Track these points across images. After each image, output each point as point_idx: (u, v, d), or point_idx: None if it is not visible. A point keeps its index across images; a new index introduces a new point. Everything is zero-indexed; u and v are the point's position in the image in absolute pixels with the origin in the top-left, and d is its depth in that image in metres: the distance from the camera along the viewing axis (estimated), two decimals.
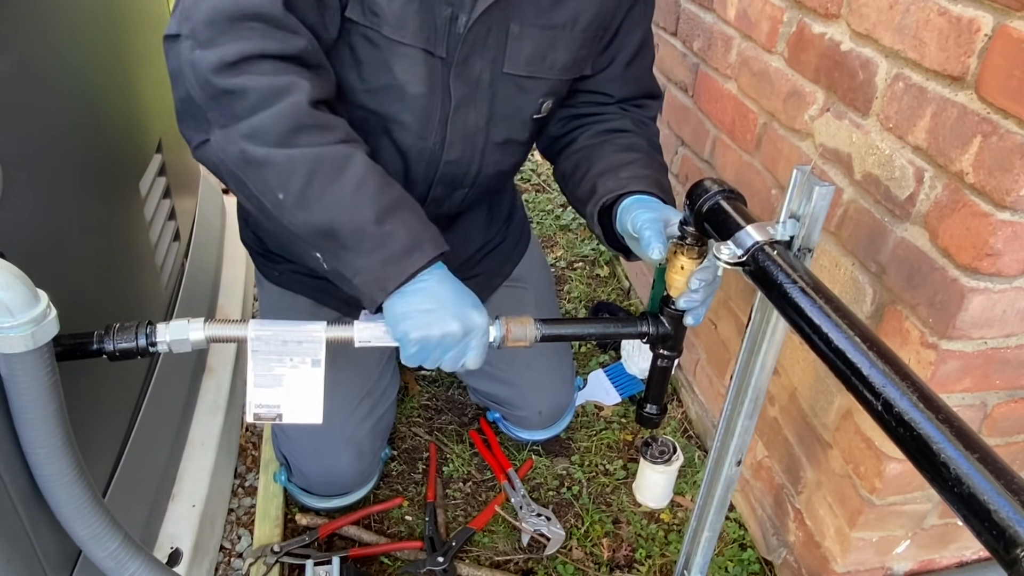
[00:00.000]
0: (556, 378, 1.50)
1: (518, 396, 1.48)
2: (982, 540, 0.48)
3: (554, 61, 1.10)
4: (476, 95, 1.10)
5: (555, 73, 1.12)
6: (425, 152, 1.14)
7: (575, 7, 1.07)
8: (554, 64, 1.11)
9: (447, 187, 1.21)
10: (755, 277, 0.77)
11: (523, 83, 1.11)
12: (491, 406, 1.57)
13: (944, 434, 0.52)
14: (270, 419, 0.90)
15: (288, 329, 0.88)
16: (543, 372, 1.48)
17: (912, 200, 0.94)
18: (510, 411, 1.53)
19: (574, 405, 1.63)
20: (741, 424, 0.97)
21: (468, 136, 1.14)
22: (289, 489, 1.43)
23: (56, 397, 0.71)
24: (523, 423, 1.53)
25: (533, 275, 1.55)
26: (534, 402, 1.48)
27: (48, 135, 0.93)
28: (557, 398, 1.51)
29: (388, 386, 1.42)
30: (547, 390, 1.49)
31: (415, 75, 1.05)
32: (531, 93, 1.13)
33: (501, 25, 1.03)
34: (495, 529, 1.43)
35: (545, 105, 1.18)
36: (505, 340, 0.93)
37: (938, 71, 0.88)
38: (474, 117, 1.12)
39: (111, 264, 1.10)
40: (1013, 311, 0.90)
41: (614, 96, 1.22)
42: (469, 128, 1.13)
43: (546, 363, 1.48)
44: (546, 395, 1.49)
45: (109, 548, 0.77)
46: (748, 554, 1.41)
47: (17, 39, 0.87)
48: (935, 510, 1.14)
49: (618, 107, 1.25)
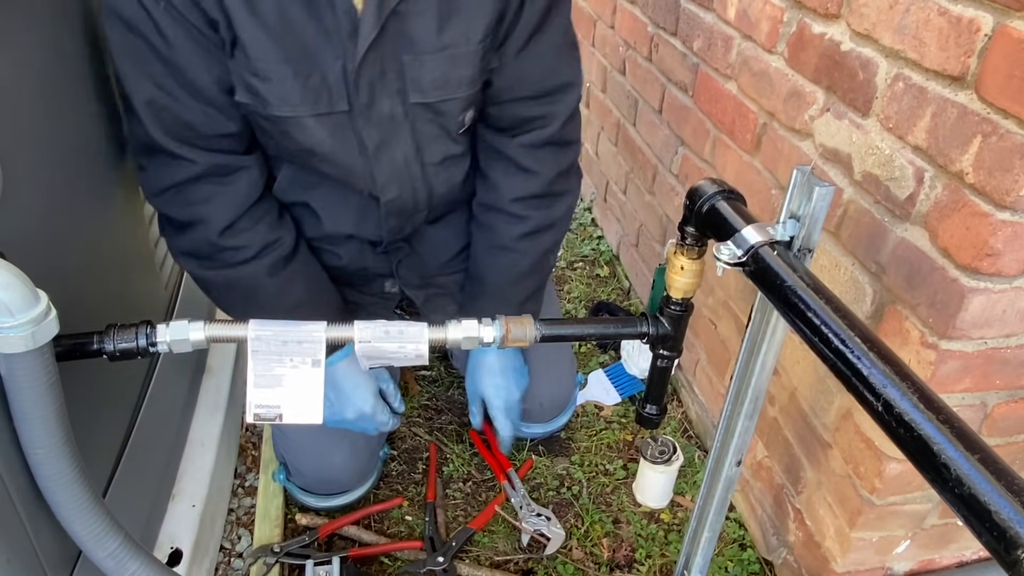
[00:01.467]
0: (557, 369, 1.50)
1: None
2: (983, 541, 0.48)
3: (460, 79, 1.05)
4: (395, 131, 1.08)
5: (465, 89, 1.07)
6: (364, 195, 1.17)
7: (465, 20, 1.01)
8: (461, 82, 1.06)
9: (400, 217, 1.21)
10: (755, 277, 0.77)
11: (437, 107, 1.08)
12: None
13: (944, 435, 0.52)
14: (270, 419, 0.90)
15: (288, 329, 0.87)
16: (544, 363, 1.48)
17: (912, 200, 0.94)
18: None
19: (575, 401, 1.63)
20: (741, 424, 0.98)
21: (399, 172, 1.13)
22: (288, 488, 1.43)
23: (56, 397, 0.71)
24: (526, 416, 1.52)
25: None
26: (535, 393, 1.47)
27: (48, 135, 0.93)
28: (558, 389, 1.51)
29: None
30: (548, 380, 1.49)
31: (318, 138, 1.05)
32: (448, 114, 1.10)
33: (394, 59, 1.00)
34: (495, 529, 1.43)
35: (468, 116, 1.14)
36: (505, 340, 0.93)
37: (938, 71, 0.88)
38: (401, 152, 1.11)
39: (111, 264, 1.10)
40: (1013, 311, 0.90)
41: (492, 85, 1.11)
42: (398, 164, 1.12)
43: (547, 354, 1.48)
44: (547, 385, 1.49)
45: (109, 548, 0.77)
46: (748, 554, 1.41)
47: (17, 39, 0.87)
48: (935, 510, 1.14)
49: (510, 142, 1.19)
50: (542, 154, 1.20)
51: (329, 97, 1.00)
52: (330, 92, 1.00)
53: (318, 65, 0.97)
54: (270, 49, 0.95)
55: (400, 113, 1.06)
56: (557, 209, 1.27)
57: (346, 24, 0.95)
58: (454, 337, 0.92)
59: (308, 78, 0.98)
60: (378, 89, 1.02)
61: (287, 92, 0.98)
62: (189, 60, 0.95)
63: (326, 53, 0.97)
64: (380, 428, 1.28)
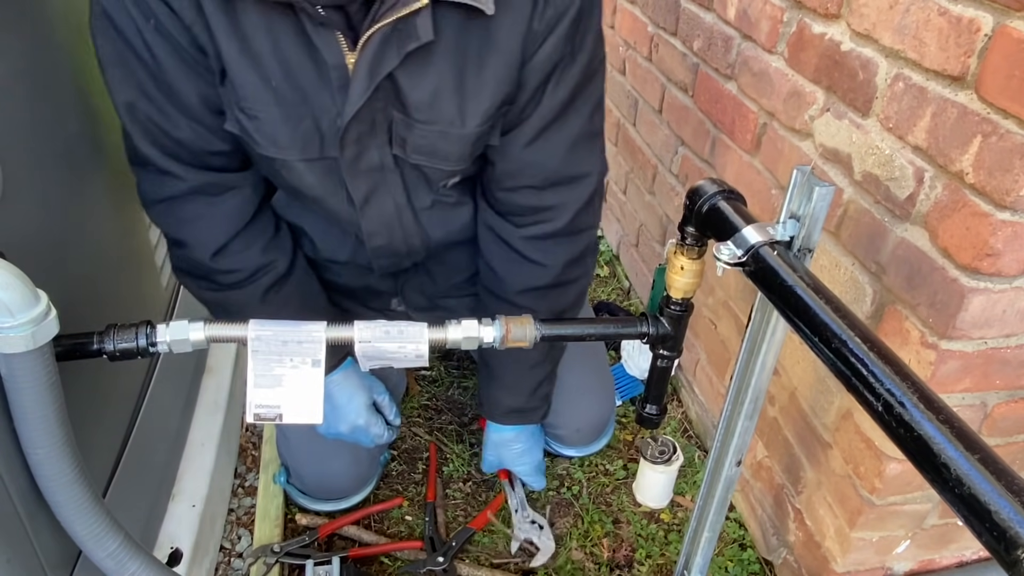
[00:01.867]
0: (592, 395, 1.46)
1: (554, 415, 1.42)
2: (983, 541, 0.48)
3: (448, 154, 0.98)
4: (385, 179, 1.02)
5: (451, 165, 1.00)
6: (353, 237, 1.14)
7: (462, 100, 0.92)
8: (448, 157, 0.98)
9: (391, 258, 1.16)
10: (755, 277, 0.77)
11: (421, 168, 1.01)
12: None
13: (945, 435, 0.52)
14: (270, 419, 0.90)
15: (288, 329, 0.87)
16: (579, 390, 1.43)
17: (912, 200, 0.94)
18: (548, 429, 1.49)
19: (612, 423, 1.59)
20: (741, 424, 0.97)
21: (390, 220, 1.07)
22: (288, 491, 1.43)
23: (56, 397, 0.71)
24: (562, 440, 1.50)
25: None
26: (571, 420, 1.45)
27: (48, 135, 0.93)
28: (595, 415, 1.47)
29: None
30: (584, 408, 1.45)
31: (305, 182, 1.01)
32: (432, 176, 1.04)
33: (383, 116, 0.94)
34: (495, 529, 1.43)
35: (452, 182, 1.07)
36: (505, 340, 0.93)
37: (938, 71, 0.88)
38: (390, 201, 1.05)
39: (111, 264, 1.10)
40: (1013, 311, 0.90)
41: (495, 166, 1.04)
42: (388, 213, 1.06)
43: (581, 380, 1.43)
44: (583, 413, 1.45)
45: (109, 548, 0.77)
46: (748, 554, 1.41)
47: (17, 40, 0.87)
48: (935, 510, 1.14)
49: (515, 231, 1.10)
50: (550, 246, 1.10)
51: (320, 143, 0.95)
52: (322, 139, 0.95)
53: (311, 111, 0.92)
54: (260, 90, 0.89)
55: (391, 163, 1.00)
56: (568, 296, 1.18)
57: (336, 79, 0.89)
58: (454, 337, 0.92)
59: (300, 123, 0.93)
60: (366, 143, 0.96)
61: (276, 134, 0.93)
62: (178, 79, 0.90)
63: (322, 99, 0.91)
64: (375, 441, 1.26)
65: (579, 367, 1.43)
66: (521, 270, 1.13)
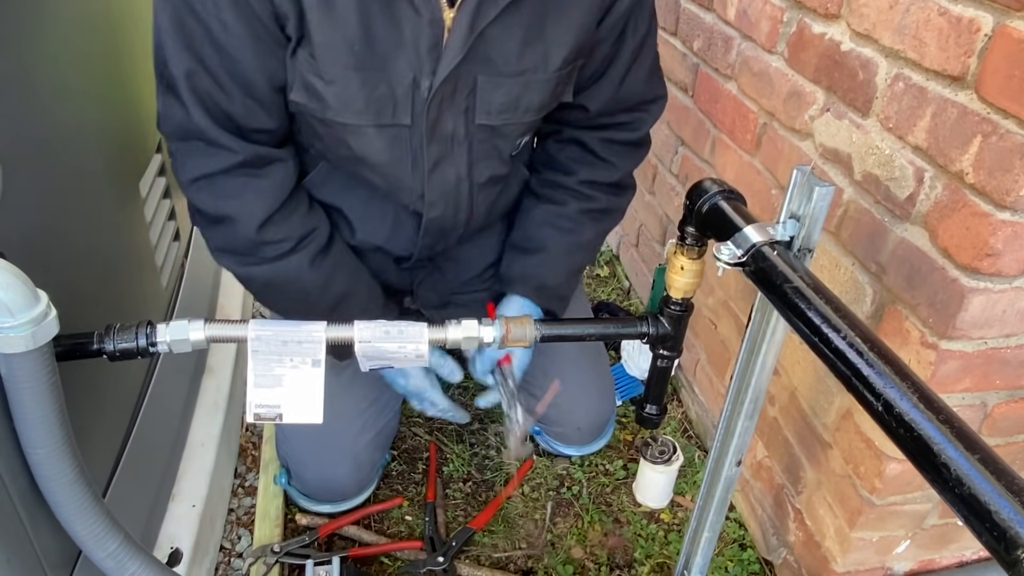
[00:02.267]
0: (593, 392, 1.46)
1: (555, 412, 1.43)
2: (983, 541, 0.48)
3: (529, 105, 1.05)
4: (452, 150, 1.06)
5: (531, 116, 1.07)
6: (407, 209, 1.15)
7: (545, 47, 1.00)
8: (529, 107, 1.05)
9: (435, 236, 1.20)
10: (755, 277, 0.77)
11: (498, 130, 1.07)
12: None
13: (945, 435, 0.52)
14: (270, 419, 0.90)
15: (288, 329, 0.87)
16: (579, 387, 1.43)
17: (912, 200, 0.94)
18: (548, 427, 1.49)
19: (613, 421, 1.59)
20: (741, 424, 0.97)
21: (449, 191, 1.11)
22: (289, 492, 1.43)
23: (56, 397, 0.71)
24: (564, 438, 1.50)
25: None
26: (572, 418, 1.45)
27: (48, 135, 0.93)
28: (595, 413, 1.47)
29: (392, 398, 1.40)
30: (584, 405, 1.45)
31: (373, 148, 1.03)
32: (507, 136, 1.10)
33: (468, 79, 0.98)
34: (495, 529, 1.43)
35: (523, 142, 1.15)
36: (504, 340, 0.93)
37: (938, 71, 0.88)
38: (453, 172, 1.09)
39: (111, 264, 1.10)
40: (1013, 311, 0.90)
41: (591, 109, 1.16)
42: (449, 183, 1.10)
43: (581, 378, 1.43)
44: (583, 410, 1.45)
45: (109, 548, 0.77)
46: (748, 554, 1.41)
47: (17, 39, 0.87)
48: (935, 510, 1.14)
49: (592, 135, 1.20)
50: (622, 151, 1.22)
51: (394, 109, 0.98)
52: (395, 104, 0.97)
53: (388, 76, 0.94)
54: (341, 53, 0.91)
55: (462, 133, 1.04)
56: (624, 199, 1.29)
57: (428, 38, 0.92)
58: (454, 337, 0.92)
59: (376, 87, 0.95)
60: (445, 108, 1.00)
61: (351, 98, 0.95)
62: (243, 51, 0.91)
63: (399, 64, 0.94)
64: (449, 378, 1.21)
65: (579, 366, 1.43)
66: (591, 166, 1.22)
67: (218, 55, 0.91)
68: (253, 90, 0.95)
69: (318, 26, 0.89)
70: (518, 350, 1.23)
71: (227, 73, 0.93)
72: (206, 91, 0.94)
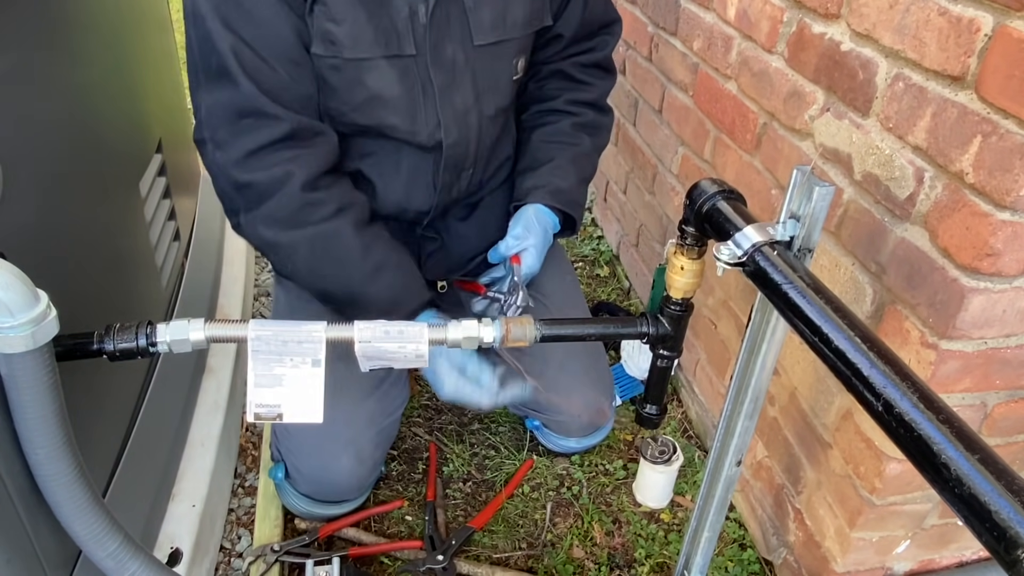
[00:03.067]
0: (591, 380, 1.47)
1: (556, 398, 1.44)
2: (983, 541, 0.48)
3: (515, 19, 1.20)
4: (456, 77, 1.18)
5: (519, 30, 1.22)
6: (425, 143, 1.22)
7: None
8: (515, 22, 1.20)
9: (452, 171, 1.28)
10: (755, 277, 0.77)
11: (494, 50, 1.20)
12: (530, 414, 1.54)
13: (945, 435, 0.52)
14: (271, 419, 0.90)
15: (288, 329, 0.88)
16: (577, 375, 1.45)
17: (912, 200, 0.94)
18: (549, 417, 1.49)
19: (615, 411, 1.59)
20: (741, 424, 0.97)
21: (460, 117, 1.21)
22: (281, 491, 1.38)
23: (56, 397, 0.71)
24: (563, 428, 1.50)
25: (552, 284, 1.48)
26: (572, 406, 1.45)
27: (48, 135, 0.93)
28: (594, 400, 1.47)
29: (396, 397, 1.39)
30: (583, 392, 1.46)
31: (387, 81, 1.13)
32: (504, 57, 1.23)
33: (456, 4, 1.12)
34: (495, 529, 1.43)
35: (520, 63, 1.27)
36: (504, 340, 0.93)
37: (938, 71, 0.88)
38: (461, 98, 1.20)
39: (111, 264, 1.10)
40: (1013, 311, 0.90)
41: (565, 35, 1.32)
42: (459, 109, 1.20)
43: (580, 365, 1.45)
44: (582, 397, 1.46)
45: (109, 548, 0.77)
46: (748, 554, 1.41)
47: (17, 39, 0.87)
48: (935, 510, 1.14)
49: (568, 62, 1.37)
50: (594, 72, 1.40)
51: (398, 40, 1.10)
52: (399, 35, 1.09)
53: (387, 9, 1.07)
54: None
55: (462, 59, 1.16)
56: (606, 118, 1.44)
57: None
58: (454, 337, 0.92)
59: (380, 20, 1.07)
60: (443, 33, 1.13)
61: (360, 32, 1.07)
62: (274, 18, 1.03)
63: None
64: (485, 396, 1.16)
65: (579, 355, 1.45)
66: (572, 87, 1.39)
67: (254, 27, 1.03)
68: (292, 55, 1.06)
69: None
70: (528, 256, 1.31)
71: (265, 44, 1.04)
72: (252, 65, 1.04)
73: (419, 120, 1.18)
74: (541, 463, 1.57)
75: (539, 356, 1.39)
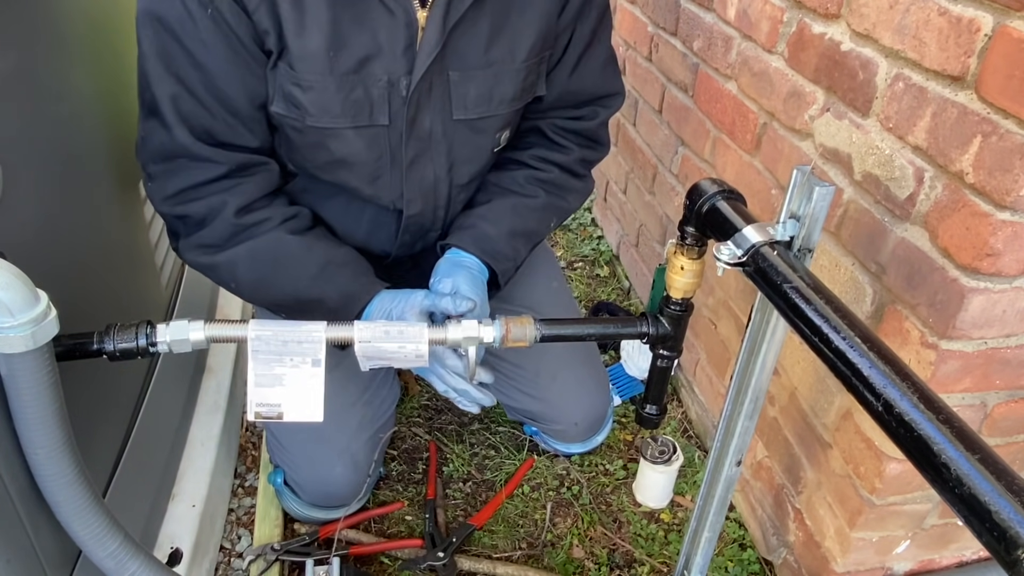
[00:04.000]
0: (587, 387, 1.46)
1: (551, 409, 1.44)
2: (983, 541, 0.48)
3: (503, 96, 1.10)
4: (431, 149, 1.10)
5: (506, 107, 1.11)
6: (385, 209, 1.17)
7: (511, 39, 1.06)
8: (503, 99, 1.10)
9: (415, 233, 1.23)
10: (755, 277, 0.77)
11: (476, 124, 1.11)
12: (527, 421, 1.54)
13: (945, 435, 0.52)
14: (271, 418, 0.90)
15: (288, 329, 0.88)
16: (572, 383, 1.44)
17: (912, 200, 0.94)
18: (547, 425, 1.49)
19: (612, 415, 1.59)
20: (741, 424, 0.98)
21: (427, 190, 1.15)
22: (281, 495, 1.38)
23: (56, 397, 0.71)
24: (561, 436, 1.50)
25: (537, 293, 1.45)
26: (568, 414, 1.45)
27: (48, 135, 0.93)
28: (591, 407, 1.47)
29: (386, 397, 1.39)
30: (579, 400, 1.45)
31: (353, 148, 1.07)
32: (486, 131, 1.14)
33: (441, 76, 1.04)
34: (495, 529, 1.43)
35: (503, 136, 1.19)
36: (504, 340, 0.93)
37: (938, 71, 0.88)
38: (431, 170, 1.13)
39: (111, 264, 1.10)
40: (1013, 311, 0.90)
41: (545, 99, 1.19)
42: (427, 182, 1.14)
43: (574, 373, 1.44)
44: (579, 405, 1.45)
45: (109, 548, 0.77)
46: (748, 554, 1.41)
47: (17, 39, 0.87)
48: (935, 510, 1.14)
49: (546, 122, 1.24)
50: (574, 139, 1.26)
51: (370, 111, 1.02)
52: (372, 106, 1.02)
53: (363, 79, 0.99)
54: (318, 60, 0.96)
55: (439, 131, 1.09)
56: (578, 183, 1.29)
57: (403, 39, 0.98)
58: (454, 337, 0.92)
59: (352, 91, 1.00)
60: (423, 105, 1.05)
61: (328, 103, 1.00)
62: (224, 70, 0.96)
63: (373, 68, 0.99)
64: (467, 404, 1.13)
65: (572, 362, 1.44)
66: (542, 145, 1.26)
67: (200, 75, 0.96)
68: (235, 108, 1.00)
69: (295, 37, 0.94)
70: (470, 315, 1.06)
71: (209, 92, 0.97)
72: (189, 111, 0.98)
73: (381, 187, 1.13)
74: (541, 463, 1.57)
75: (531, 367, 1.38)
